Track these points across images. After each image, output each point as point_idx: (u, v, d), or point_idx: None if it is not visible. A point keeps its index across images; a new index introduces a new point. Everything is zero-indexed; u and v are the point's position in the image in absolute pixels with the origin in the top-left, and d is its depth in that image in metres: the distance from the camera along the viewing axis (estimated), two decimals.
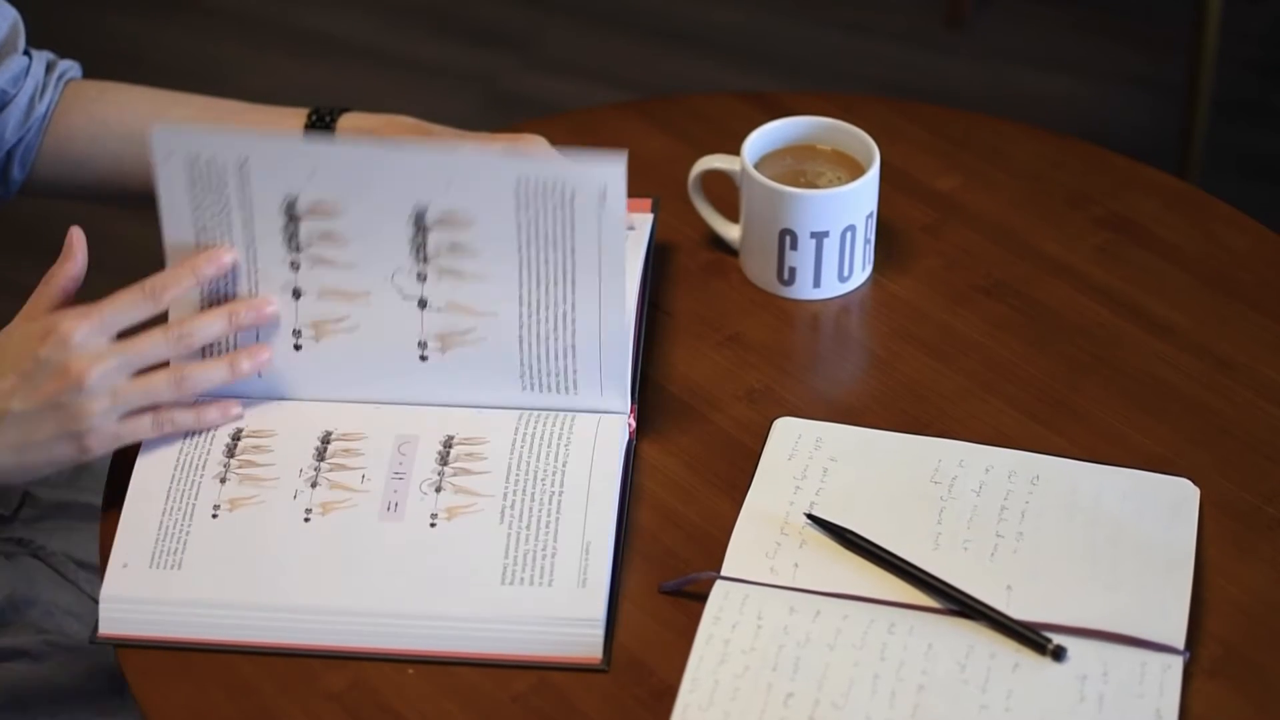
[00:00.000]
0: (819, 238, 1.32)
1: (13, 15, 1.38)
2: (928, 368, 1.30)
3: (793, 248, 1.33)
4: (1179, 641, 1.10)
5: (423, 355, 1.22)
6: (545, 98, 2.80)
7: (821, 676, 1.09)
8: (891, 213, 1.40)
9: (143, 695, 1.11)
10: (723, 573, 1.15)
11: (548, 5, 2.99)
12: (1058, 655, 1.09)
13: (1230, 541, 1.17)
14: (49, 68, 1.41)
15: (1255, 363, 1.29)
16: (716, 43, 2.90)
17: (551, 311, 1.21)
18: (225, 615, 1.13)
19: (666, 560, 1.17)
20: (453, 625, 1.12)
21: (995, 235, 1.40)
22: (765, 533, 1.17)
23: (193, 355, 1.21)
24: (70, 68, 1.43)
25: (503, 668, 1.11)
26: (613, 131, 1.50)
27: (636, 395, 1.25)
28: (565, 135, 1.39)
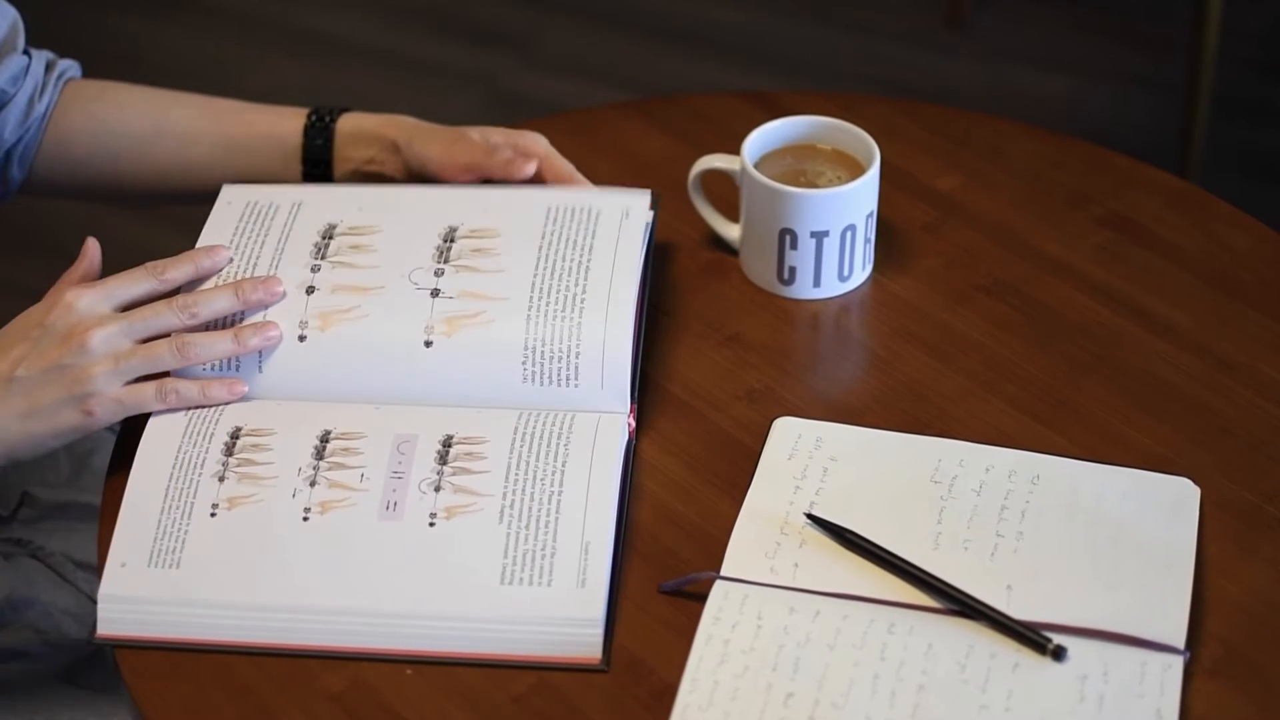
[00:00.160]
0: (819, 237, 1.32)
1: (12, 15, 1.38)
2: (928, 367, 1.29)
3: (793, 247, 1.33)
4: (1179, 641, 1.10)
5: (427, 340, 1.23)
6: (545, 97, 2.80)
7: (821, 676, 1.08)
8: (892, 212, 1.40)
9: (141, 696, 1.10)
10: (722, 573, 1.15)
11: (548, 5, 2.99)
12: (1058, 655, 1.09)
13: (1231, 541, 1.17)
14: (48, 67, 1.41)
15: (1256, 362, 1.29)
16: (716, 42, 2.90)
17: (561, 296, 1.23)
18: (224, 615, 1.12)
19: (666, 560, 1.17)
20: (452, 625, 1.12)
21: (995, 235, 1.40)
22: (765, 532, 1.17)
23: (200, 330, 1.22)
24: (70, 67, 1.43)
25: (502, 668, 1.11)
26: (613, 131, 1.50)
27: (636, 394, 1.25)
28: (565, 135, 1.40)
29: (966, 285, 1.36)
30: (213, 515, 1.16)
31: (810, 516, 1.17)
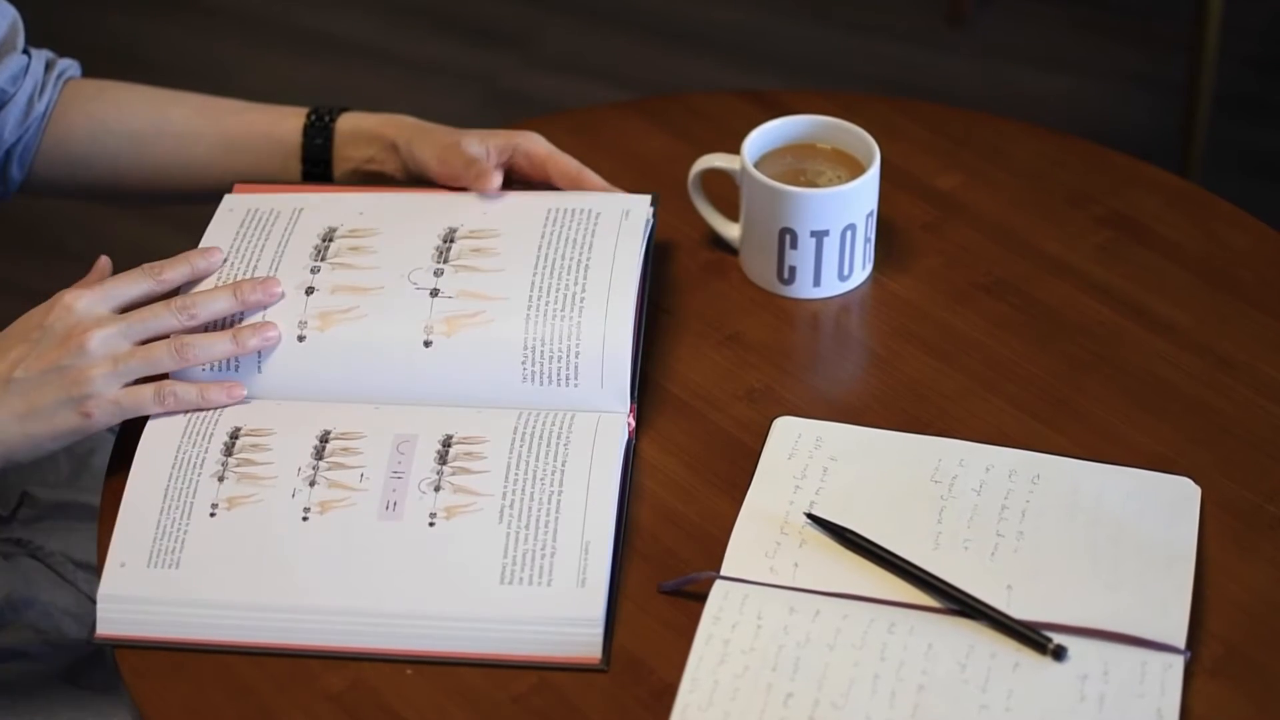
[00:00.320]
0: (819, 237, 1.32)
1: (12, 14, 1.38)
2: (928, 367, 1.29)
3: (793, 247, 1.33)
4: (1180, 641, 1.10)
5: (427, 340, 1.23)
6: (545, 96, 2.80)
7: (821, 676, 1.08)
8: (892, 211, 1.40)
9: (141, 696, 1.10)
10: (722, 572, 1.15)
11: (548, 4, 2.99)
12: (1058, 655, 1.09)
13: (1231, 540, 1.17)
14: (48, 66, 1.41)
15: (1256, 361, 1.29)
16: (716, 42, 2.90)
17: (561, 295, 1.24)
18: (223, 615, 1.12)
19: (666, 560, 1.17)
20: (452, 625, 1.12)
21: (996, 234, 1.40)
22: (765, 532, 1.17)
23: (198, 331, 1.22)
24: (69, 66, 1.43)
25: (502, 668, 1.11)
26: (613, 131, 1.50)
27: (636, 394, 1.25)
28: (565, 134, 1.40)
29: (967, 284, 1.36)
30: (212, 515, 1.16)
31: (810, 516, 1.17)
